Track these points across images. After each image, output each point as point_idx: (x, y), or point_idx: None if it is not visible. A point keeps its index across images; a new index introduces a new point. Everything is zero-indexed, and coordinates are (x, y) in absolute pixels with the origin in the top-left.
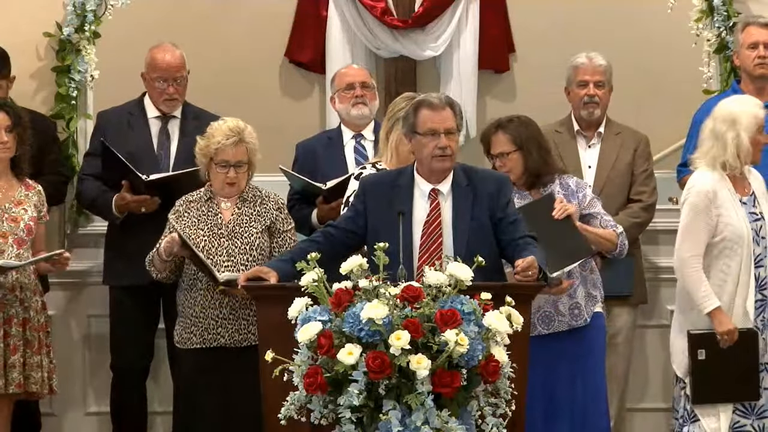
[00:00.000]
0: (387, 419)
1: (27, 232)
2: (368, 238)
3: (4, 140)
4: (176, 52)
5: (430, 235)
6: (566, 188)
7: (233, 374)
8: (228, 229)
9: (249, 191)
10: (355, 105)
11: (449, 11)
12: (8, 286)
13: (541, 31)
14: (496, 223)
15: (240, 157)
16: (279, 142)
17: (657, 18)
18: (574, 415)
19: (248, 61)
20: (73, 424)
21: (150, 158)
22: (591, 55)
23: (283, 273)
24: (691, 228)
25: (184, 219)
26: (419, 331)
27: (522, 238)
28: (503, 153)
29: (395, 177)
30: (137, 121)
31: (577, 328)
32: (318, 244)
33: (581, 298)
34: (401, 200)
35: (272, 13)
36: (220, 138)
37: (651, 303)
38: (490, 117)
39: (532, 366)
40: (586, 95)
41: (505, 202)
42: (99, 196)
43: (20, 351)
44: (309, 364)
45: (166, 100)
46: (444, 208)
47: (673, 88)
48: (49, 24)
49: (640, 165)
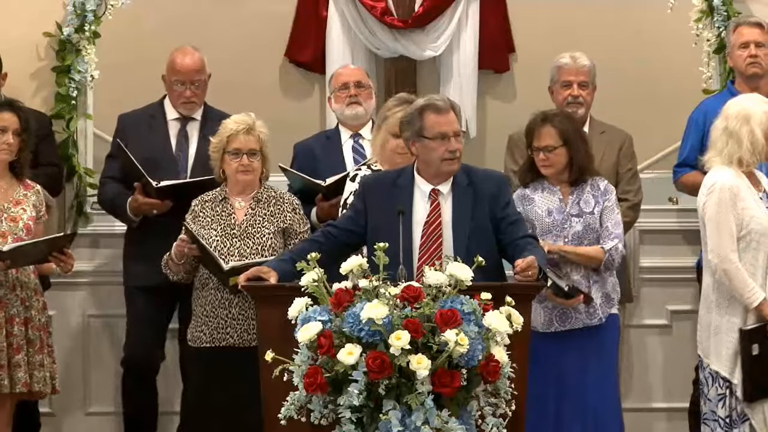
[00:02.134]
0: (387, 419)
1: (26, 231)
2: (368, 238)
3: (10, 142)
4: (196, 55)
5: (430, 235)
6: (596, 189)
7: (241, 373)
8: (241, 230)
9: (264, 191)
10: (349, 105)
11: (449, 11)
12: (9, 285)
13: (541, 31)
14: (496, 223)
15: (252, 145)
16: (279, 142)
17: (657, 18)
18: (586, 411)
19: (248, 61)
20: (73, 424)
21: (169, 160)
22: (575, 55)
23: (283, 273)
24: (723, 224)
25: (199, 219)
26: (419, 331)
27: (522, 238)
28: (549, 147)
29: (395, 177)
30: (157, 122)
31: (591, 327)
32: (319, 244)
33: (598, 299)
34: (401, 200)
35: (272, 13)
36: (232, 126)
37: (651, 303)
38: (490, 117)
39: (546, 361)
40: (570, 95)
41: (505, 203)
42: (116, 197)
43: (24, 350)
44: (309, 364)
45: (183, 103)
46: (444, 209)
47: (672, 87)
48: (49, 24)
49: (625, 164)
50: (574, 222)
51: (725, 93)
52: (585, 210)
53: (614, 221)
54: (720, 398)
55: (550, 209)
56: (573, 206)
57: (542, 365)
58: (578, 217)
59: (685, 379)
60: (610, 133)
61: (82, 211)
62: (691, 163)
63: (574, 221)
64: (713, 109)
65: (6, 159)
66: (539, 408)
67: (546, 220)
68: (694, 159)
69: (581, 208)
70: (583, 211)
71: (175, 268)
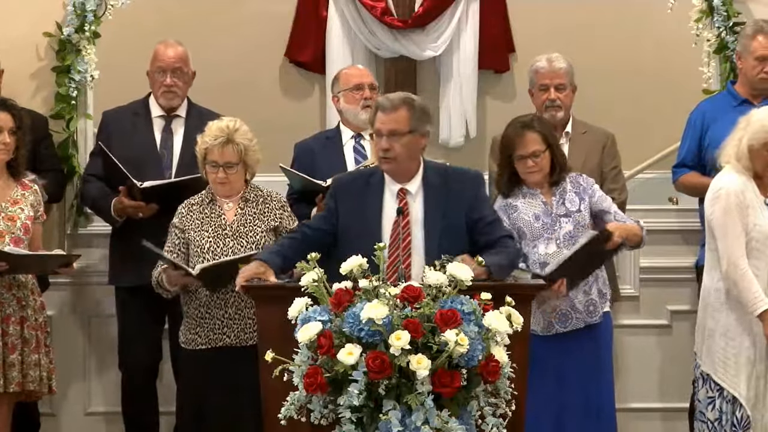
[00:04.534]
0: (387, 419)
1: (24, 230)
2: (339, 237)
3: (6, 141)
4: (178, 48)
5: (398, 234)
6: (577, 186)
7: (239, 373)
8: (232, 230)
9: (251, 191)
10: (364, 108)
11: (449, 11)
12: (4, 284)
13: (541, 31)
14: (473, 224)
15: (228, 158)
16: (279, 142)
17: (657, 18)
18: (588, 411)
19: (248, 61)
20: (73, 424)
21: (153, 157)
22: (551, 58)
23: (276, 266)
24: (731, 229)
25: (188, 222)
26: (419, 331)
27: (499, 239)
28: (537, 152)
29: (368, 176)
30: (141, 120)
31: (591, 325)
32: (298, 242)
33: (595, 295)
34: (372, 199)
35: (272, 13)
36: (208, 139)
37: (650, 303)
38: (490, 117)
39: (546, 363)
40: (548, 99)
41: (481, 203)
42: (100, 197)
43: (18, 350)
44: (309, 364)
45: (164, 92)
46: (413, 208)
47: (672, 88)
48: (49, 24)
49: (609, 163)
50: (564, 222)
51: (724, 94)
52: (572, 209)
53: (615, 208)
54: (710, 401)
55: (536, 214)
56: (559, 207)
57: (543, 368)
58: (566, 217)
59: (685, 379)
60: (592, 133)
61: (82, 211)
62: (689, 163)
63: (564, 222)
64: (711, 110)
65: (3, 158)
66: (540, 409)
67: (535, 225)
68: (692, 160)
69: (567, 207)
70: (570, 210)
71: (169, 290)
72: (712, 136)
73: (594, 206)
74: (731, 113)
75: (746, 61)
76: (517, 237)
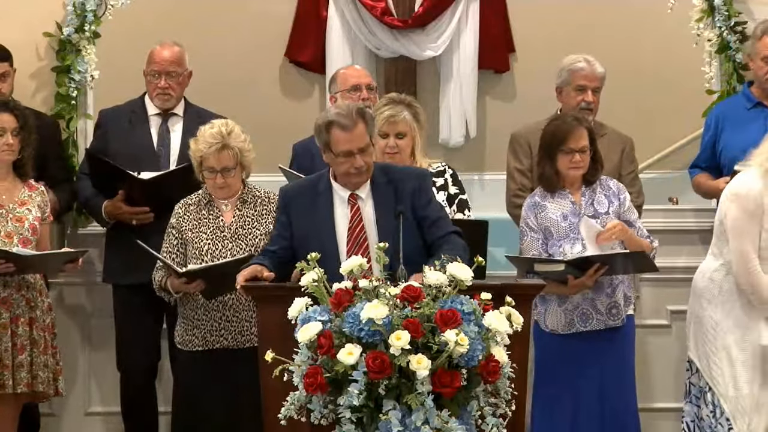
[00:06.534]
0: (387, 419)
1: (32, 231)
2: (296, 247)
3: (9, 142)
4: (174, 49)
5: (355, 240)
6: (606, 189)
7: (237, 375)
8: (231, 231)
9: (247, 192)
10: None
11: (449, 11)
12: (14, 285)
13: (541, 31)
14: (419, 222)
15: (225, 163)
16: (279, 142)
17: (657, 18)
18: (605, 412)
19: (248, 61)
20: (73, 424)
21: (150, 156)
22: (590, 60)
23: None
24: (748, 228)
25: (185, 223)
26: (419, 331)
27: (442, 238)
28: (585, 147)
29: (316, 182)
30: (138, 118)
31: (612, 328)
32: (271, 261)
33: (620, 299)
34: (323, 207)
35: (272, 13)
36: (203, 146)
37: (651, 303)
38: (490, 117)
39: (566, 361)
40: (584, 101)
41: (426, 200)
42: (92, 197)
43: (27, 351)
44: (309, 364)
45: (159, 94)
46: (365, 212)
47: (673, 88)
48: (49, 24)
49: (627, 167)
50: None
51: (739, 96)
52: (600, 211)
53: (639, 223)
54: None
55: (564, 213)
56: (587, 208)
57: (561, 366)
58: (594, 218)
59: (683, 379)
60: (612, 136)
61: (82, 211)
62: (702, 165)
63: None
64: (724, 113)
65: (8, 159)
66: (557, 409)
67: (562, 224)
68: (705, 161)
69: (596, 209)
70: (598, 212)
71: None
72: (726, 138)
73: (622, 215)
74: (744, 116)
75: (755, 63)
76: (543, 237)
